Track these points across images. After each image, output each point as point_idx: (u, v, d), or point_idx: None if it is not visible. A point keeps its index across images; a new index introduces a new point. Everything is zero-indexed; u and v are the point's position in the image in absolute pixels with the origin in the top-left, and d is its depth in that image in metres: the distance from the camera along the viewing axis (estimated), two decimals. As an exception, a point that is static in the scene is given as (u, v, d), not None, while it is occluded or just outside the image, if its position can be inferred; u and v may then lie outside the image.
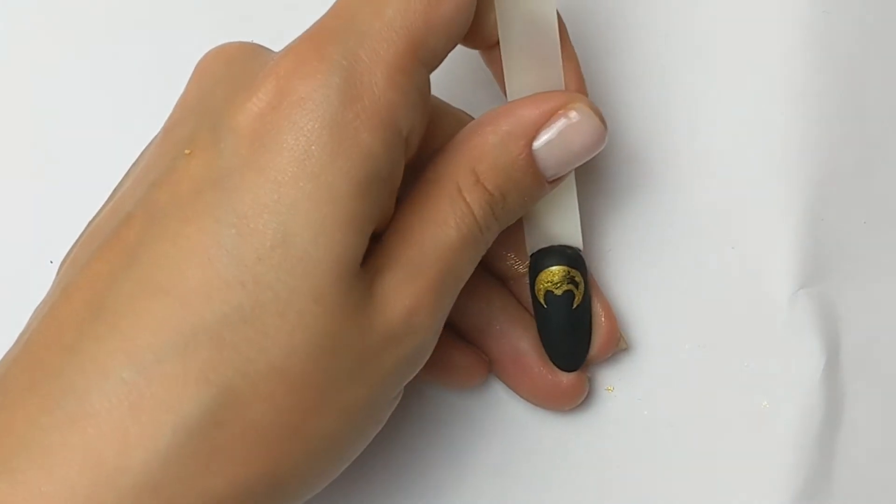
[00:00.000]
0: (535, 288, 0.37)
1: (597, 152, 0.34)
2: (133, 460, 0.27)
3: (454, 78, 0.40)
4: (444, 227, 0.32)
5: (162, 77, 0.36)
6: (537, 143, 0.33)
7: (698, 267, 0.40)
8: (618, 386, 0.40)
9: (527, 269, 0.38)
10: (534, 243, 0.38)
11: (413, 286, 0.31)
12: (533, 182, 0.34)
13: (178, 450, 0.28)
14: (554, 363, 0.38)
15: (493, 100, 0.37)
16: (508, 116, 0.33)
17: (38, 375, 0.29)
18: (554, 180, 0.35)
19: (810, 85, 0.41)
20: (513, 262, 0.39)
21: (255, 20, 0.42)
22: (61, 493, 0.27)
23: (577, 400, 0.39)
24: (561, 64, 0.35)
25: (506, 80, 0.35)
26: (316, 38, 0.31)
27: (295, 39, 0.31)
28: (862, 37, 0.42)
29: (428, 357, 0.33)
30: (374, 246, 0.32)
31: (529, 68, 0.34)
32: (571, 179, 0.37)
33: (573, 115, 0.34)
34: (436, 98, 0.37)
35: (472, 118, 0.37)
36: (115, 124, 0.42)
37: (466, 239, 0.32)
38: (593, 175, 0.41)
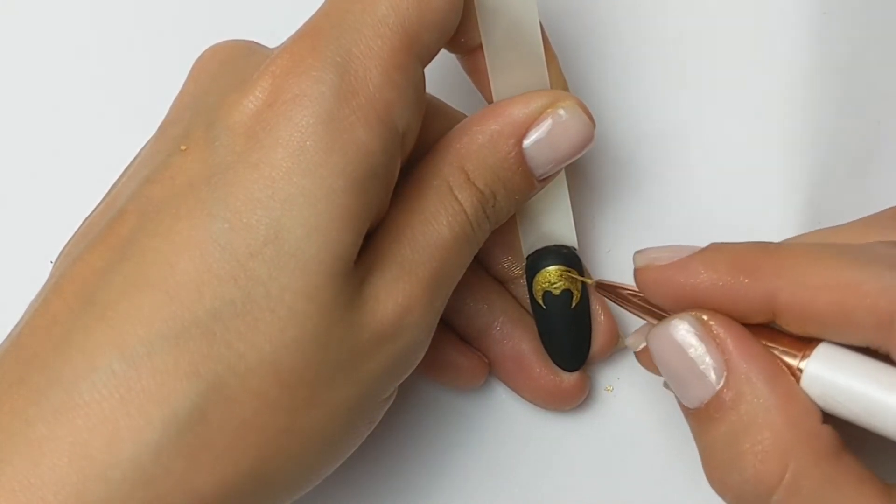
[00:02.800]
0: (534, 289, 0.37)
1: (586, 150, 0.34)
2: (123, 453, 0.27)
3: (450, 78, 0.40)
4: (436, 225, 0.32)
5: (162, 76, 0.36)
6: (527, 142, 0.33)
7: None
8: (618, 386, 0.40)
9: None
10: (529, 245, 0.38)
11: (405, 284, 0.31)
12: (523, 180, 0.34)
13: (167, 444, 0.28)
14: (556, 363, 0.38)
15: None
16: (497, 116, 0.33)
17: (27, 368, 0.29)
18: (544, 179, 0.35)
19: (809, 85, 0.41)
20: (511, 264, 0.39)
21: (254, 19, 0.42)
22: (49, 486, 0.27)
23: (578, 400, 0.39)
24: (545, 63, 0.35)
25: (491, 81, 0.35)
26: (310, 36, 0.31)
27: (289, 38, 0.32)
28: (861, 38, 0.42)
29: (421, 356, 0.33)
30: (366, 244, 0.31)
31: (514, 68, 0.34)
32: (563, 179, 0.37)
33: (562, 113, 0.34)
34: (432, 97, 0.37)
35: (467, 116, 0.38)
36: (114, 124, 0.42)
37: (459, 237, 0.32)
38: (593, 176, 0.41)
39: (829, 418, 0.29)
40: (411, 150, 0.33)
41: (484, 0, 0.33)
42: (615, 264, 0.41)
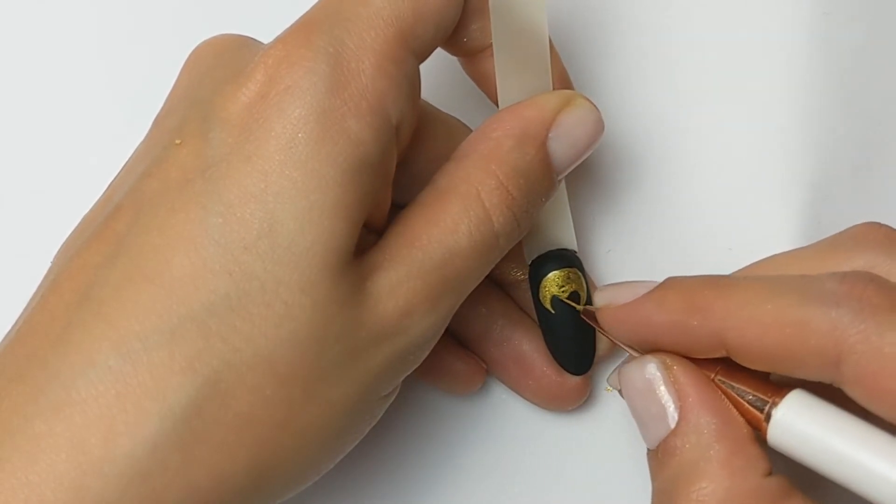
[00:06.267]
0: (540, 294, 0.37)
1: (598, 144, 0.35)
2: (119, 448, 0.28)
3: (447, 84, 0.40)
4: (454, 233, 0.32)
5: (160, 72, 0.36)
6: (550, 142, 0.34)
7: (697, 268, 0.40)
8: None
9: (525, 276, 0.38)
10: (532, 251, 0.38)
11: (409, 287, 0.31)
12: (548, 182, 0.34)
13: (163, 438, 0.28)
14: (564, 368, 0.38)
15: (484, 104, 0.37)
16: (517, 120, 0.33)
17: (26, 365, 0.29)
18: (560, 179, 0.35)
19: (810, 85, 0.41)
20: (510, 269, 0.39)
21: (250, 15, 0.42)
22: (48, 482, 0.27)
23: (580, 399, 0.39)
24: (550, 65, 0.35)
25: (498, 82, 0.35)
26: (304, 27, 0.31)
27: (285, 30, 0.32)
28: (862, 38, 0.42)
29: (424, 357, 0.33)
30: (375, 242, 0.32)
31: (521, 70, 0.35)
32: (563, 183, 0.37)
33: (576, 111, 0.34)
34: (427, 104, 0.37)
35: (465, 124, 0.38)
36: (113, 121, 0.42)
37: (478, 246, 0.32)
38: (593, 177, 0.41)
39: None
40: (407, 144, 0.33)
41: (496, 3, 0.33)
42: (615, 264, 0.41)
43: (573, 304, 0.37)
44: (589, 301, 0.37)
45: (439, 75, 0.39)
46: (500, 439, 0.39)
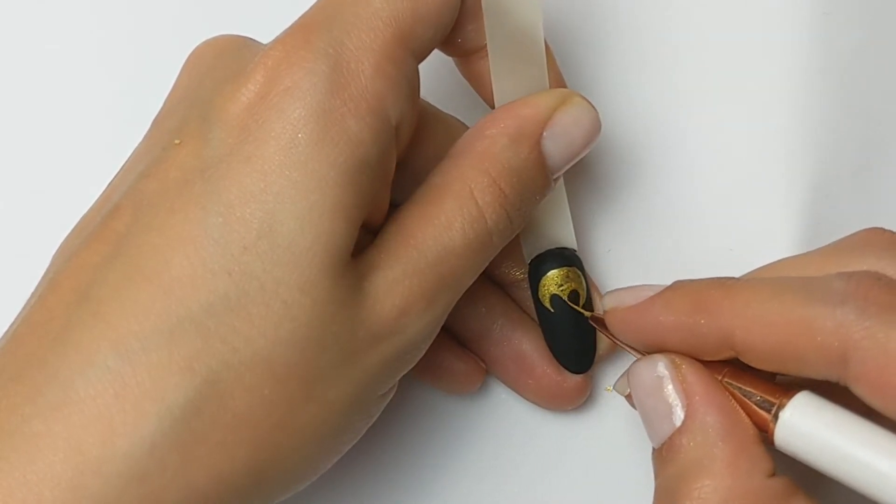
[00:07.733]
0: (539, 293, 0.37)
1: (595, 143, 0.35)
2: (118, 449, 0.27)
3: (446, 83, 0.40)
4: (448, 230, 0.32)
5: (160, 73, 0.36)
6: (545, 141, 0.34)
7: (697, 268, 0.40)
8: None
9: (524, 275, 0.38)
10: (531, 250, 0.38)
11: (406, 286, 0.31)
12: (543, 181, 0.34)
13: (161, 438, 0.28)
14: (564, 367, 0.38)
15: (482, 103, 0.37)
16: (512, 118, 0.34)
17: (24, 364, 0.29)
18: (556, 178, 0.35)
19: (810, 85, 0.41)
20: (510, 268, 0.39)
21: (250, 16, 0.42)
22: (45, 482, 0.27)
23: (580, 399, 0.39)
24: (546, 64, 0.35)
25: (493, 83, 0.35)
26: (304, 28, 0.31)
27: (284, 31, 0.32)
28: (862, 37, 0.42)
29: (421, 355, 0.33)
30: (372, 241, 0.32)
31: (516, 71, 0.35)
32: (561, 182, 0.37)
33: (572, 109, 0.34)
34: (427, 103, 0.37)
35: (464, 123, 0.38)
36: (113, 120, 0.42)
37: (472, 244, 0.32)
38: (592, 176, 0.41)
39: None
40: (406, 144, 0.33)
41: (489, 3, 0.33)
42: (615, 264, 0.41)
43: (576, 307, 0.37)
44: (588, 300, 0.37)
45: (439, 75, 0.39)
46: (499, 439, 0.39)
